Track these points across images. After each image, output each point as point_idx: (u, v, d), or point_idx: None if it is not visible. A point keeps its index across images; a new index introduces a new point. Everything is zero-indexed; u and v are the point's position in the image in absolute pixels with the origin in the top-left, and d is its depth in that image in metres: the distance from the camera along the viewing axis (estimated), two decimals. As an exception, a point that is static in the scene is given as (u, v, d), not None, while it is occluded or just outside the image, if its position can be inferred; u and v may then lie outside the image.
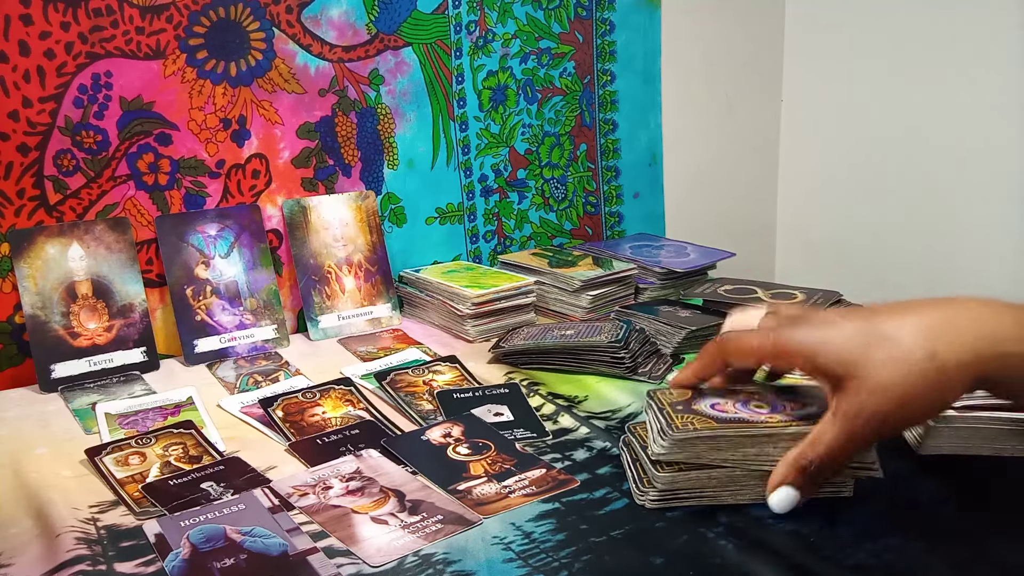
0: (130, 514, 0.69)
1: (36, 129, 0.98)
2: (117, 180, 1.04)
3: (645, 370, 0.94)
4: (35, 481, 0.75)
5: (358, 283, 1.17)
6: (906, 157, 1.53)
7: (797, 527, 0.63)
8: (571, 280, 1.16)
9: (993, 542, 0.60)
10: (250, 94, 1.11)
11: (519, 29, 1.31)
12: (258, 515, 0.67)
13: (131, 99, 1.03)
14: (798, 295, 1.09)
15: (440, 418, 0.85)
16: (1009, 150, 1.39)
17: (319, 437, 0.81)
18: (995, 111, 1.39)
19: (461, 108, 1.28)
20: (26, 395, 0.97)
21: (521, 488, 0.70)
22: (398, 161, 1.23)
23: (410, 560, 0.61)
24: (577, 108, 1.39)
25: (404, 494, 0.70)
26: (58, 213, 1.01)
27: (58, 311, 0.99)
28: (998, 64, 1.38)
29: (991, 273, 1.43)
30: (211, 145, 1.09)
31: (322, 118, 1.16)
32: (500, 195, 1.34)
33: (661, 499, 0.66)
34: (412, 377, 0.95)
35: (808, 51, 1.64)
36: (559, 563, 0.60)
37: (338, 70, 1.16)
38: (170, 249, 1.06)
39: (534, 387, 0.93)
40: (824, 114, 1.64)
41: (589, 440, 0.80)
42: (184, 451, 0.79)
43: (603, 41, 1.39)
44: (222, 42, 1.08)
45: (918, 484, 0.68)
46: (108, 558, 0.63)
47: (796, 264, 1.73)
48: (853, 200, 1.62)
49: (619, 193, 1.45)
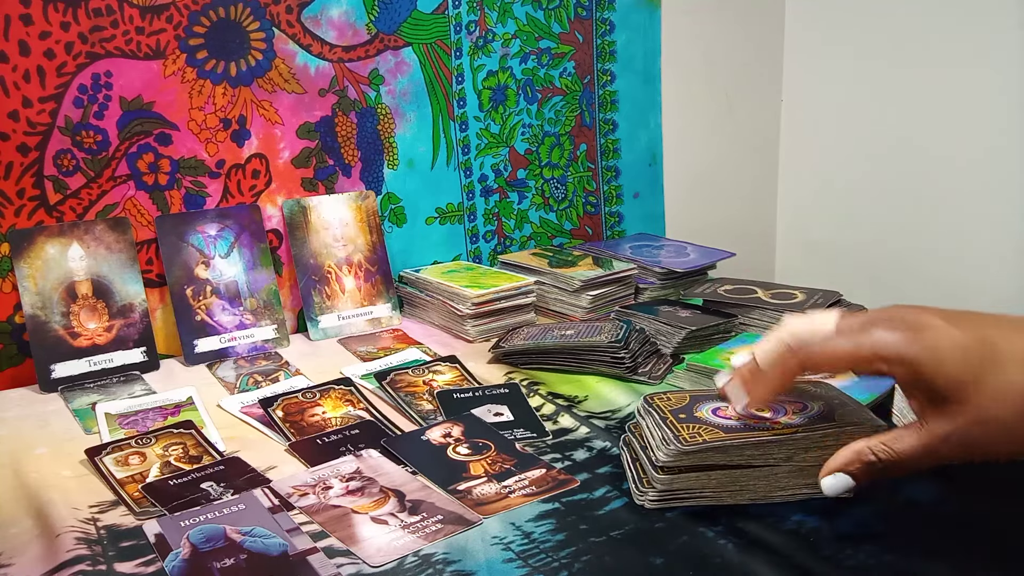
0: (130, 514, 0.69)
1: (36, 129, 0.98)
2: (117, 180, 1.04)
3: (645, 370, 0.94)
4: (35, 481, 0.75)
5: (358, 283, 1.17)
6: (906, 157, 1.53)
7: (797, 527, 0.63)
8: (571, 280, 1.16)
9: (993, 542, 0.60)
10: (250, 94, 1.11)
11: (519, 29, 1.31)
12: (258, 515, 0.67)
13: (131, 99, 1.03)
14: (798, 295, 1.09)
15: (440, 418, 0.85)
16: (1009, 150, 1.39)
17: (319, 437, 0.81)
18: (995, 111, 1.39)
19: (461, 108, 1.28)
20: (26, 395, 0.97)
21: (521, 488, 0.70)
22: (398, 161, 1.23)
23: (410, 560, 0.61)
24: (577, 108, 1.39)
25: (404, 494, 0.70)
26: (58, 213, 1.01)
27: (58, 311, 0.99)
28: (998, 64, 1.38)
29: (991, 273, 1.43)
30: (211, 145, 1.09)
31: (322, 118, 1.16)
32: (500, 195, 1.34)
33: (661, 499, 0.66)
34: (412, 377, 0.95)
35: (808, 51, 1.64)
36: (559, 563, 0.60)
37: (338, 70, 1.16)
38: (170, 249, 1.06)
39: (534, 387, 0.93)
40: (824, 114, 1.64)
41: (589, 440, 0.80)
42: (184, 451, 0.79)
43: (603, 41, 1.39)
44: (222, 42, 1.08)
45: (918, 484, 0.68)
46: (108, 558, 0.63)
47: (796, 264, 1.73)
48: (853, 200, 1.62)
49: (619, 193, 1.45)
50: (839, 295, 1.09)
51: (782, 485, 0.65)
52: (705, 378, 0.90)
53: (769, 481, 0.65)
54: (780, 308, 1.05)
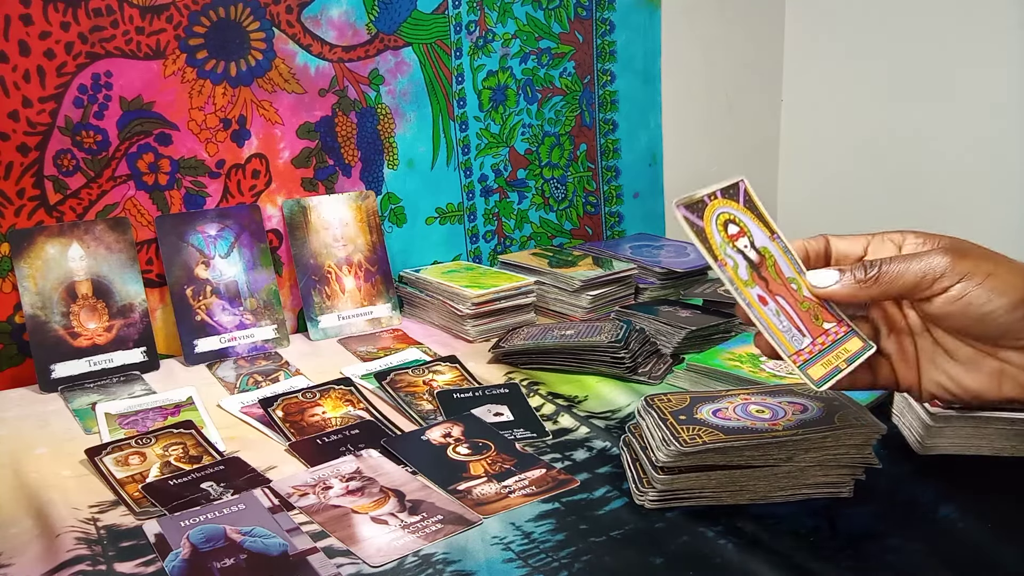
0: (130, 514, 0.69)
1: (36, 129, 0.98)
2: (117, 180, 1.04)
3: (645, 370, 0.94)
4: (35, 481, 0.75)
5: (358, 283, 1.17)
6: (906, 157, 1.53)
7: (797, 527, 0.63)
8: (571, 280, 1.16)
9: (993, 542, 0.60)
10: (250, 94, 1.11)
11: (519, 29, 1.31)
12: (258, 515, 0.67)
13: (131, 99, 1.03)
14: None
15: (440, 418, 0.85)
16: (1008, 150, 1.39)
17: (319, 437, 0.81)
18: (995, 111, 1.39)
19: (461, 108, 1.28)
20: (26, 395, 0.97)
21: (521, 488, 0.70)
22: (398, 161, 1.23)
23: (410, 560, 0.61)
24: (577, 108, 1.39)
25: (404, 494, 0.70)
26: (58, 213, 1.01)
27: (58, 311, 0.99)
28: (997, 64, 1.38)
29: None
30: (211, 145, 1.09)
31: (322, 118, 1.16)
32: (500, 195, 1.34)
33: (661, 499, 0.66)
34: (412, 377, 0.95)
35: (808, 51, 1.64)
36: (559, 563, 0.60)
37: (338, 70, 1.16)
38: (170, 249, 1.06)
39: (534, 387, 0.93)
40: (824, 114, 1.64)
41: (589, 440, 0.80)
42: (184, 451, 0.79)
43: (603, 41, 1.39)
44: (222, 42, 1.08)
45: (918, 484, 0.68)
46: (108, 558, 0.63)
47: (796, 264, 1.73)
48: (853, 200, 1.62)
49: (619, 193, 1.45)
50: (839, 295, 1.09)
51: (782, 485, 0.65)
52: (705, 378, 0.90)
53: (769, 482, 0.65)
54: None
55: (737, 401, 0.69)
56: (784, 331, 0.58)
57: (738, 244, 0.59)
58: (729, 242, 0.59)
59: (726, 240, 0.59)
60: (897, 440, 0.74)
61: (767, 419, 0.66)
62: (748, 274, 0.59)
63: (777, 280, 0.59)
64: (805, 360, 0.57)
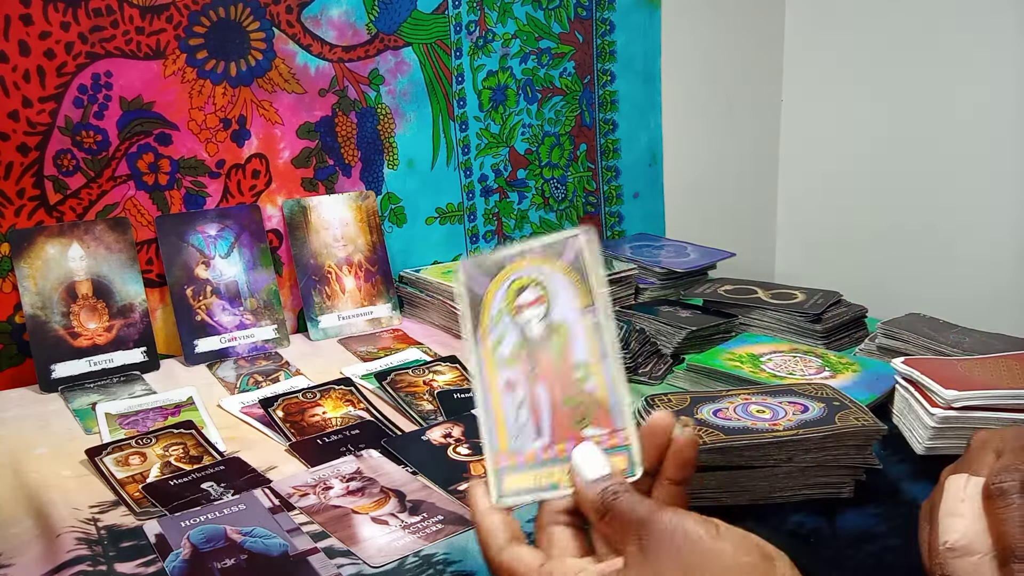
0: (130, 514, 0.69)
1: (36, 129, 0.98)
2: (117, 180, 1.04)
3: (645, 370, 0.94)
4: (35, 481, 0.75)
5: (358, 283, 1.17)
6: (905, 157, 1.53)
7: (797, 527, 0.63)
8: (571, 280, 1.16)
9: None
10: (250, 94, 1.11)
11: (519, 29, 1.30)
12: (258, 515, 0.67)
13: (131, 99, 1.03)
14: (798, 295, 1.09)
15: (440, 418, 0.85)
16: (1008, 150, 1.39)
17: (319, 437, 0.81)
18: (994, 111, 1.39)
19: (461, 108, 1.28)
20: (26, 395, 0.97)
21: (521, 488, 0.70)
22: (398, 161, 1.23)
23: (410, 560, 0.61)
24: (577, 108, 1.39)
25: (404, 494, 0.70)
26: (58, 213, 1.01)
27: (58, 311, 0.99)
28: (997, 64, 1.38)
29: (990, 273, 1.43)
30: (211, 145, 1.09)
31: (322, 118, 1.16)
32: (500, 195, 1.34)
33: (661, 499, 0.65)
34: (412, 377, 0.95)
35: (808, 51, 1.64)
36: (559, 563, 0.60)
37: (338, 70, 1.16)
38: (170, 249, 1.06)
39: (534, 387, 0.93)
40: (824, 114, 1.64)
41: (589, 440, 0.80)
42: (184, 451, 0.79)
43: (603, 41, 1.39)
44: (222, 42, 1.08)
45: (918, 484, 0.68)
46: (108, 558, 0.63)
47: (796, 264, 1.73)
48: (853, 200, 1.62)
49: (619, 193, 1.45)
50: (839, 295, 1.09)
51: (782, 486, 0.65)
52: (705, 378, 0.90)
53: (769, 482, 0.65)
54: (780, 308, 1.05)
55: (737, 401, 0.69)
56: (511, 425, 0.48)
57: (524, 315, 0.49)
58: (512, 312, 0.49)
59: (509, 309, 0.49)
60: (897, 440, 0.74)
61: (767, 419, 0.66)
62: (513, 351, 0.49)
63: (556, 363, 0.48)
64: (513, 464, 0.47)
